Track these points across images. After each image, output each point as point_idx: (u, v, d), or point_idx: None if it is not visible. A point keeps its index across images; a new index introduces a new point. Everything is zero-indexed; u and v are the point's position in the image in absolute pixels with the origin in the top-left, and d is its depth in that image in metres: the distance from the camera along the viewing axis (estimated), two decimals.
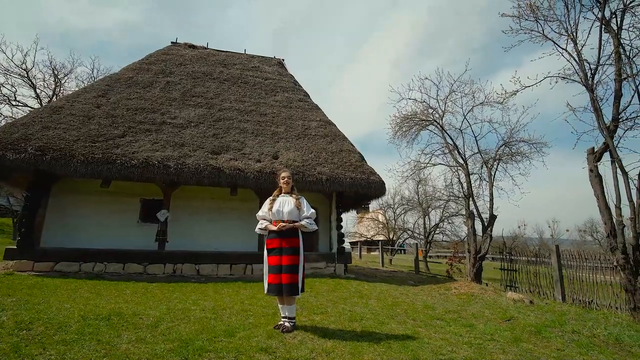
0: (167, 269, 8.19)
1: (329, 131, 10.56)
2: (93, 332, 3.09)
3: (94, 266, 7.82)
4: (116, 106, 9.02)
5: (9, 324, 3.17)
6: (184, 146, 8.43)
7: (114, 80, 10.03)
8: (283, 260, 3.57)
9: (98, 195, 8.75)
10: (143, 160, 7.64)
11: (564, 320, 5.22)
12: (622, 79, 6.39)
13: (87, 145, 7.58)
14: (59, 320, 3.35)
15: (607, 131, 6.33)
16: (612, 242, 6.16)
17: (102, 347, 2.75)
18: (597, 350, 3.80)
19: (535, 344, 3.95)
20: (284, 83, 12.50)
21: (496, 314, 5.64)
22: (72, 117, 8.27)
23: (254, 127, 9.77)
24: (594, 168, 6.53)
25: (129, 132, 8.35)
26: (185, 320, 3.74)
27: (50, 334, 2.97)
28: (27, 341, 2.76)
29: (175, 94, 10.13)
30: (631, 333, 4.46)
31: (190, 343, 2.98)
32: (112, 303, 4.46)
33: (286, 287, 3.49)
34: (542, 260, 9.12)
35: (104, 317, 3.57)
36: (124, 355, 2.62)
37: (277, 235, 3.66)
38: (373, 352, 3.15)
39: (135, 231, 8.95)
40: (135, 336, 3.08)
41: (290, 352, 2.95)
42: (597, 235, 45.22)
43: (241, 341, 3.12)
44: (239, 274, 8.60)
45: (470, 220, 10.10)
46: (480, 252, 9.75)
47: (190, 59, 12.15)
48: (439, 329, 4.46)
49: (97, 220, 8.73)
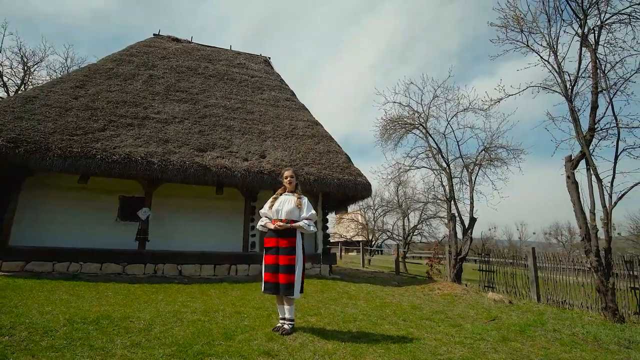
0: (148, 269, 7.90)
1: (316, 132, 10.54)
2: (83, 337, 2.92)
3: (69, 266, 7.42)
4: (95, 98, 8.60)
5: None
6: (169, 142, 8.15)
7: (92, 71, 9.55)
8: (280, 260, 3.53)
9: (74, 192, 8.30)
10: (125, 156, 7.32)
11: (544, 320, 5.46)
12: (598, 91, 6.76)
13: (64, 139, 7.17)
14: (43, 325, 3.15)
15: (584, 140, 6.68)
16: (586, 245, 6.51)
17: (96, 353, 2.60)
18: (579, 349, 3.99)
19: (522, 343, 4.10)
20: (270, 82, 12.37)
21: (480, 314, 5.82)
22: (48, 108, 7.80)
23: (240, 125, 9.60)
24: (571, 175, 6.87)
25: (109, 126, 7.98)
26: (178, 324, 3.61)
27: (36, 340, 2.78)
28: (12, 347, 2.57)
29: (159, 88, 9.79)
30: (607, 332, 4.72)
31: (189, 347, 2.88)
32: (97, 305, 4.24)
33: (283, 286, 3.45)
34: (518, 262, 9.52)
35: (92, 320, 3.39)
36: None
37: (274, 234, 3.61)
38: (373, 354, 3.16)
39: (114, 230, 8.57)
40: (129, 341, 2.94)
41: (293, 355, 2.91)
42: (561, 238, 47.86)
43: (241, 344, 3.05)
44: (222, 274, 8.42)
45: (452, 223, 10.39)
46: (460, 253, 10.04)
47: (174, 53, 11.78)
48: (429, 329, 4.54)
49: (72, 218, 8.28)
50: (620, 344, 4.28)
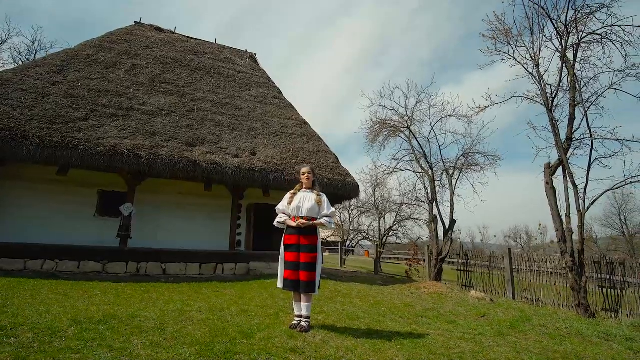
0: (130, 267, 7.53)
1: (305, 131, 10.54)
2: (96, 338, 2.75)
3: (43, 264, 6.92)
4: (75, 85, 8.08)
5: None
6: (156, 135, 7.82)
7: (70, 56, 8.96)
8: (301, 257, 3.51)
9: (47, 184, 7.75)
10: (110, 148, 6.94)
11: (528, 316, 5.82)
12: (575, 104, 7.30)
13: (43, 127, 6.68)
14: (47, 325, 2.93)
15: (562, 149, 7.18)
16: (562, 247, 6.99)
17: (119, 354, 2.47)
18: (568, 341, 4.30)
19: (517, 337, 4.36)
20: (257, 78, 12.20)
21: (469, 311, 6.10)
22: (23, 93, 7.22)
23: (229, 121, 9.40)
24: (550, 181, 7.36)
25: (91, 115, 7.53)
26: (189, 322, 3.49)
27: (47, 341, 2.59)
28: (26, 350, 2.37)
29: (143, 79, 9.35)
30: (587, 326, 5.12)
31: (212, 345, 2.81)
32: (93, 305, 4.00)
33: (304, 284, 3.44)
34: (494, 264, 10.05)
35: (99, 320, 3.20)
36: None
37: (295, 232, 3.59)
38: (391, 349, 3.24)
39: (92, 225, 8.10)
40: (147, 340, 2.81)
41: (318, 351, 2.92)
42: (520, 241, 50.97)
43: (263, 342, 3.01)
44: (209, 273, 8.19)
45: (433, 224, 10.76)
46: (441, 254, 10.43)
47: (157, 43, 11.31)
48: (427, 325, 4.71)
49: (46, 212, 7.73)
50: (601, 337, 4.65)
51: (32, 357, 2.26)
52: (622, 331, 4.87)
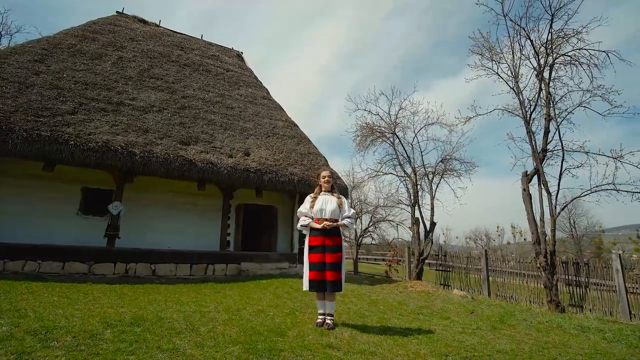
0: (118, 268, 7.28)
1: (295, 133, 10.65)
2: (138, 340, 2.76)
3: (24, 265, 6.52)
4: (60, 77, 7.65)
5: (21, 334, 2.62)
6: (149, 132, 7.61)
7: (52, 45, 8.44)
8: (327, 258, 3.68)
9: (26, 179, 7.29)
10: (103, 144, 6.68)
11: (511, 312, 6.35)
12: (549, 119, 8.04)
13: (29, 119, 6.29)
14: (82, 329, 2.88)
15: (538, 159, 7.88)
16: (537, 249, 7.68)
17: (173, 354, 2.52)
18: (552, 333, 4.81)
19: (509, 330, 4.80)
20: (246, 78, 12.12)
21: (458, 308, 6.54)
22: (4, 82, 6.75)
23: (222, 120, 9.31)
24: (527, 188, 8.05)
25: (80, 109, 7.18)
26: (216, 323, 3.55)
27: (91, 344, 2.57)
28: (78, 352, 2.36)
29: (131, 72, 9.02)
30: (563, 320, 5.70)
31: (253, 344, 2.91)
32: (107, 307, 3.91)
33: (330, 283, 3.62)
34: (471, 265, 10.75)
35: (131, 322, 3.18)
36: None
37: (320, 233, 3.74)
38: (411, 343, 3.50)
39: (74, 225, 7.71)
40: (190, 341, 2.86)
41: (352, 346, 3.11)
42: (480, 242, 54.06)
43: (299, 339, 3.15)
44: (200, 274, 8.09)
45: (415, 226, 11.28)
46: (423, 254, 10.96)
47: (143, 36, 10.91)
48: (427, 322, 5.04)
49: (24, 210, 7.26)
50: (577, 329, 5.22)
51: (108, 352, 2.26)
52: (593, 324, 5.48)
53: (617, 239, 35.81)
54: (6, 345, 2.36)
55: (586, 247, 31.36)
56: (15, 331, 2.66)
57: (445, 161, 12.96)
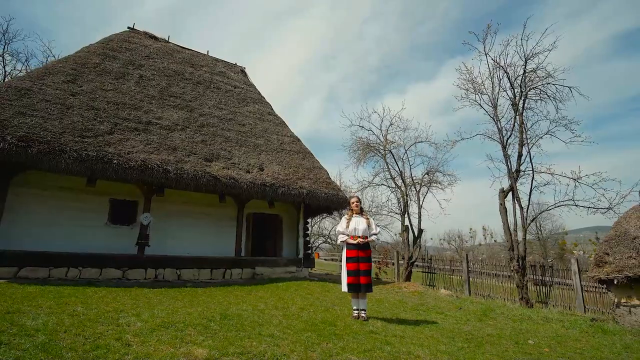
0: (149, 274, 8.05)
1: (300, 148, 11.68)
2: (239, 329, 3.74)
3: (67, 271, 7.19)
4: (93, 97, 8.32)
5: (145, 326, 3.54)
6: (177, 150, 8.42)
7: (79, 64, 9.05)
8: (360, 266, 4.79)
9: (57, 191, 7.92)
10: (141, 162, 7.45)
11: (491, 307, 7.69)
12: (522, 144, 9.53)
13: (77, 140, 6.99)
14: (192, 322, 3.83)
15: (513, 178, 9.34)
16: (511, 254, 9.13)
17: (271, 337, 3.53)
18: (525, 323, 6.14)
19: (493, 321, 6.08)
20: (251, 94, 13.02)
21: (448, 304, 7.81)
22: (47, 104, 7.38)
23: (236, 137, 10.20)
24: (503, 202, 9.50)
25: (116, 129, 7.91)
26: (278, 318, 4.56)
27: (214, 328, 3.54)
28: (217, 334, 3.33)
29: (153, 92, 9.76)
30: (532, 313, 7.08)
31: (319, 331, 3.96)
32: (180, 307, 4.82)
33: (364, 286, 4.74)
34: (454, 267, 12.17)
35: (221, 318, 4.15)
36: (308, 342, 3.47)
37: (354, 247, 4.86)
38: (426, 330, 4.66)
39: (103, 233, 8.39)
40: (274, 329, 3.87)
41: (387, 332, 4.23)
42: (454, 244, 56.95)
43: (348, 328, 4.23)
44: (219, 278, 8.96)
45: (405, 233, 12.60)
46: (412, 258, 12.29)
47: (156, 53, 11.60)
48: (427, 315, 6.24)
49: (57, 220, 7.89)
50: (543, 320, 6.59)
51: (232, 337, 3.25)
52: (555, 316, 6.89)
53: (578, 240, 38.85)
54: (168, 331, 3.29)
55: (551, 248, 34.10)
56: (145, 320, 3.58)
57: (430, 173, 14.43)
